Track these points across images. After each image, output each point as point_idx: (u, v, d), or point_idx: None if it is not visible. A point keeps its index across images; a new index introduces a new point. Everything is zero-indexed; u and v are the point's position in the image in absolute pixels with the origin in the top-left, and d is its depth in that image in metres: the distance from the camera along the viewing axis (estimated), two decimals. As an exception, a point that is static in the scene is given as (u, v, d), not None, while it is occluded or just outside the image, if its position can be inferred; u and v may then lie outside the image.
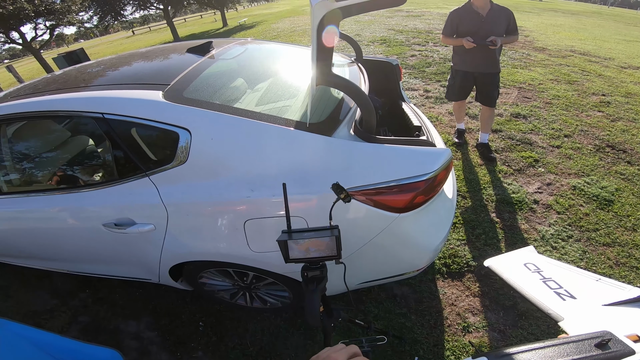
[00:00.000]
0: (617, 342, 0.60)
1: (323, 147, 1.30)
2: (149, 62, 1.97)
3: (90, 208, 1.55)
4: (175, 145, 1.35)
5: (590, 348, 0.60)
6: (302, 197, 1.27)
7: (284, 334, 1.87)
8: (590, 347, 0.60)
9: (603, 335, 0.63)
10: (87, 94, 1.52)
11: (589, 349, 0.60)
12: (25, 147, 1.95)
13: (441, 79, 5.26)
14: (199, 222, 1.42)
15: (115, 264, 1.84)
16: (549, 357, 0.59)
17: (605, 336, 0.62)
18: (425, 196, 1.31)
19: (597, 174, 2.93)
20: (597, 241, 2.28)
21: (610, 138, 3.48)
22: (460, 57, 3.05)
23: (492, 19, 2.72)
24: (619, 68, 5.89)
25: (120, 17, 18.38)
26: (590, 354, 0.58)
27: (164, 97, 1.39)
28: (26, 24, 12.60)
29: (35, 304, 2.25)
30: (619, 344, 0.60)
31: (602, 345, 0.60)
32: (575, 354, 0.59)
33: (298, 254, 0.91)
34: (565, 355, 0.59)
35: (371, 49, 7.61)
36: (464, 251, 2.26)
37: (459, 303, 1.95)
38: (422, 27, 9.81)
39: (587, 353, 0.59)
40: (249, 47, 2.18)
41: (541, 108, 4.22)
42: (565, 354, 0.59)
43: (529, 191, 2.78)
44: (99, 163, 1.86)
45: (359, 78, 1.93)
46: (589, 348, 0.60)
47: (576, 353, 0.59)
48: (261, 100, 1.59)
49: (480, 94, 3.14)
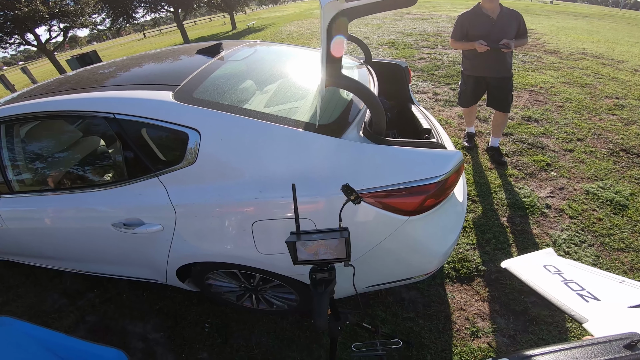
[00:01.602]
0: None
1: (332, 148, 1.29)
2: (160, 63, 1.99)
3: (99, 208, 1.57)
4: (184, 145, 1.35)
5: (619, 349, 0.57)
6: (311, 199, 1.26)
7: (289, 336, 1.86)
8: (619, 348, 0.57)
9: (632, 336, 0.59)
10: (99, 94, 1.54)
11: (618, 350, 0.57)
12: (37, 147, 1.98)
13: (450, 82, 5.22)
14: (207, 223, 1.42)
15: (123, 264, 1.85)
16: (575, 358, 0.56)
17: (635, 337, 0.59)
18: (435, 199, 1.29)
19: (611, 178, 2.87)
20: (611, 246, 2.22)
21: (624, 142, 3.40)
22: (471, 62, 2.98)
23: (503, 22, 2.68)
24: (632, 71, 5.77)
25: (132, 19, 18.67)
26: (620, 355, 0.55)
27: (174, 98, 1.39)
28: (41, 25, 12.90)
29: (44, 304, 2.28)
30: None
31: (631, 347, 0.57)
32: (603, 355, 0.56)
33: (306, 256, 0.90)
34: (593, 356, 0.56)
35: (380, 51, 7.59)
36: (473, 255, 2.22)
37: (468, 307, 1.92)
38: (431, 30, 9.76)
39: (616, 354, 0.55)
40: (258, 49, 2.18)
41: (553, 111, 4.15)
42: (593, 355, 0.56)
43: (541, 195, 2.73)
44: (109, 163, 1.88)
45: (368, 80, 1.92)
46: (618, 349, 0.57)
47: (604, 354, 0.56)
48: (270, 102, 1.59)
49: (494, 99, 3.06)
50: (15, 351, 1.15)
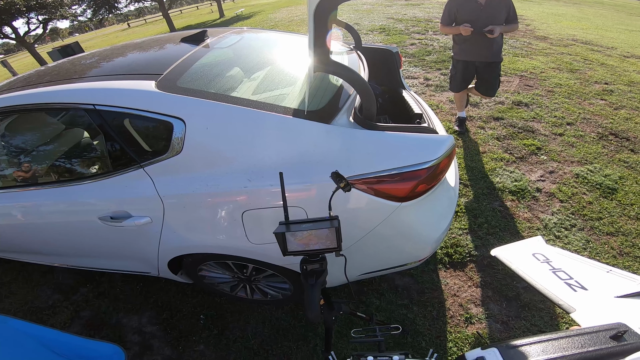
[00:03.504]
0: (632, 334, 0.58)
1: (322, 135, 1.26)
2: (142, 52, 1.92)
3: (85, 201, 1.52)
4: (169, 135, 1.31)
5: (605, 340, 0.57)
6: (301, 187, 1.24)
7: (285, 325, 1.86)
8: (606, 338, 0.58)
9: (618, 327, 0.60)
10: (78, 85, 1.48)
11: (604, 340, 0.57)
12: (19, 141, 1.91)
13: (441, 67, 5.19)
14: (196, 214, 1.39)
15: (114, 257, 1.82)
16: (562, 348, 0.57)
17: (621, 328, 0.59)
18: (427, 185, 1.28)
19: (600, 162, 2.90)
20: (601, 230, 2.25)
21: (613, 126, 3.43)
22: (460, 47, 3.01)
23: (492, 8, 2.69)
24: (621, 57, 5.80)
25: (115, 9, 18.11)
26: (606, 345, 0.56)
27: (157, 87, 1.34)
28: (18, 18, 12.45)
29: (38, 300, 2.24)
30: (634, 336, 0.58)
31: (617, 337, 0.57)
32: (590, 346, 0.56)
33: (296, 247, 0.88)
34: (580, 346, 0.56)
35: (370, 37, 7.49)
36: (466, 240, 2.23)
37: (462, 294, 1.93)
38: (422, 15, 9.65)
39: (603, 345, 0.56)
40: (245, 36, 2.12)
41: (543, 96, 4.16)
42: (579, 346, 0.56)
43: (532, 179, 2.75)
44: (93, 155, 1.83)
45: (358, 66, 1.88)
46: (604, 340, 0.57)
47: (591, 345, 0.56)
48: (258, 89, 1.55)
49: (481, 83, 3.12)
50: (12, 349, 1.14)
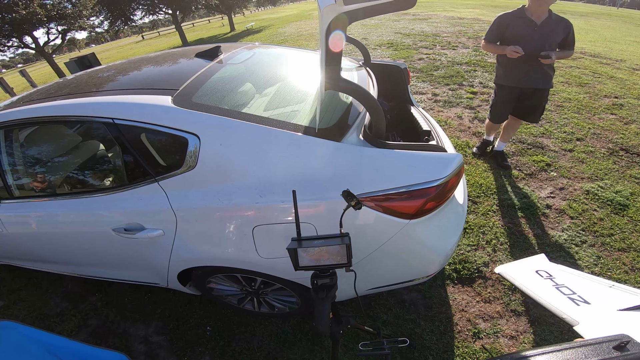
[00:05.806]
0: (635, 345, 0.59)
1: (332, 152, 1.29)
2: (158, 66, 1.99)
3: (100, 213, 1.56)
4: (184, 150, 1.35)
5: (608, 350, 0.59)
6: (311, 203, 1.26)
7: (291, 339, 1.86)
8: (609, 349, 0.59)
9: (621, 338, 0.61)
10: (98, 99, 1.53)
11: (608, 351, 0.58)
12: (37, 152, 1.97)
13: (449, 82, 5.22)
14: (208, 228, 1.42)
15: (125, 268, 1.85)
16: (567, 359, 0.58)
17: (624, 339, 0.60)
18: (436, 202, 1.29)
19: (611, 178, 2.87)
20: (612, 246, 2.22)
21: (624, 141, 3.40)
22: (504, 70, 2.68)
23: (547, 29, 2.40)
24: (630, 70, 5.78)
25: (130, 22, 18.65)
26: (609, 356, 0.57)
27: (173, 102, 1.39)
28: (39, 28, 12.89)
29: (46, 307, 2.28)
30: (637, 347, 0.59)
31: (620, 348, 0.59)
32: (593, 357, 0.58)
33: (308, 262, 0.90)
34: (584, 357, 0.58)
35: (378, 52, 7.60)
36: (474, 257, 2.22)
37: (470, 309, 1.92)
38: (429, 30, 9.77)
39: (606, 355, 0.57)
40: (257, 52, 2.18)
41: (552, 111, 4.15)
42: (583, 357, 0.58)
43: (541, 196, 2.73)
44: (109, 168, 1.88)
45: (367, 82, 1.92)
46: (608, 350, 0.59)
47: (594, 355, 0.58)
48: (269, 105, 1.58)
49: (524, 110, 2.79)
50: (19, 355, 1.16)
